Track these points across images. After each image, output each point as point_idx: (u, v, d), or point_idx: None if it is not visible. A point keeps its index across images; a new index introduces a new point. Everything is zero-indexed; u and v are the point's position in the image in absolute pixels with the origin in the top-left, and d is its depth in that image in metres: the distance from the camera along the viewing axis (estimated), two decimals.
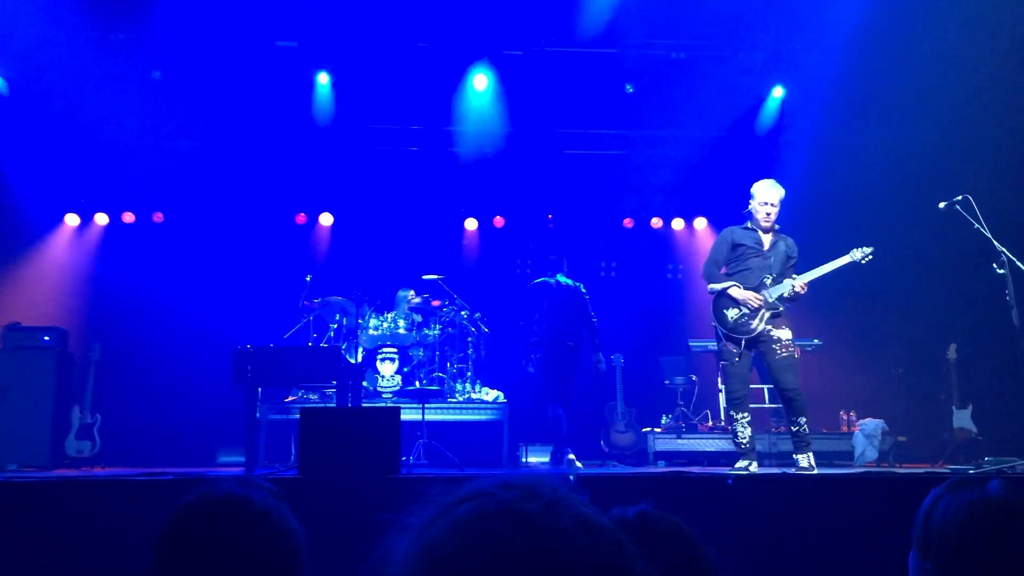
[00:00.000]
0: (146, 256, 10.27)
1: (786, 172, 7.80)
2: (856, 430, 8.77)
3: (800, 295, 6.26)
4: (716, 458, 8.52)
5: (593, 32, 9.20)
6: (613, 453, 9.14)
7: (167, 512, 1.62)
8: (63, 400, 8.82)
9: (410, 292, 9.46)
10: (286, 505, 1.66)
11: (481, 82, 9.87)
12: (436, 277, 9.42)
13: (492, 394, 9.03)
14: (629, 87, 9.98)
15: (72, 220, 10.45)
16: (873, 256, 6.30)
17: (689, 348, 9.58)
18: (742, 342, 6.24)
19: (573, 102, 10.11)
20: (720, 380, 8.75)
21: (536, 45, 9.62)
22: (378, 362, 8.97)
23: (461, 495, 0.83)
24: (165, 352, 9.85)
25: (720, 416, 9.15)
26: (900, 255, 9.13)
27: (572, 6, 9.01)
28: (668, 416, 9.38)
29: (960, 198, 6.26)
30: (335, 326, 9.16)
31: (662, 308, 10.71)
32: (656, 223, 11.23)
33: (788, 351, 6.20)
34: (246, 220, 10.57)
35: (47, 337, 8.93)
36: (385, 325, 9.09)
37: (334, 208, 10.86)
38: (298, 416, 5.39)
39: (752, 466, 6.13)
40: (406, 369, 9.07)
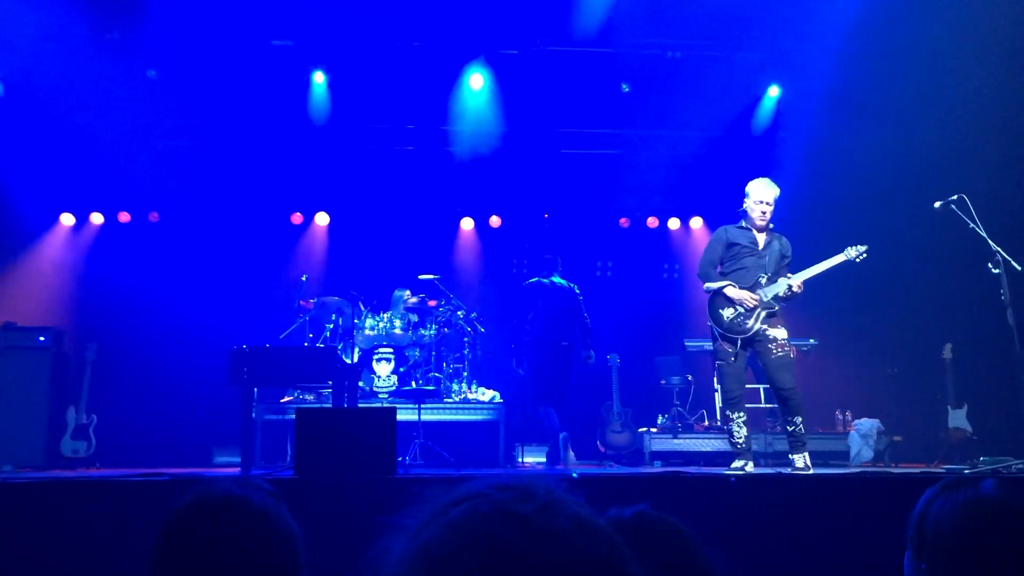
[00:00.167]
0: (142, 256, 10.24)
1: (782, 172, 7.80)
2: (852, 430, 8.78)
3: (796, 294, 6.26)
4: (712, 458, 8.52)
5: (589, 31, 9.20)
6: (609, 453, 9.14)
7: (165, 512, 1.61)
8: (58, 400, 8.80)
9: (406, 292, 9.46)
10: (285, 506, 1.66)
11: (477, 81, 9.86)
12: (432, 277, 9.42)
13: (488, 394, 9.02)
14: (625, 86, 9.98)
15: (67, 220, 10.42)
16: (867, 254, 6.31)
17: (685, 348, 9.58)
18: (738, 342, 6.25)
19: (569, 101, 10.10)
20: (716, 380, 8.75)
21: (532, 44, 9.61)
22: (374, 362, 8.96)
23: (456, 496, 0.83)
24: (161, 352, 9.82)
25: (716, 416, 9.15)
26: (896, 255, 9.14)
27: (568, 5, 9.01)
28: (664, 416, 9.38)
29: (955, 198, 6.27)
30: (331, 326, 9.16)
31: (658, 308, 10.71)
32: (652, 222, 11.24)
33: (784, 350, 6.21)
34: (242, 220, 10.56)
35: (42, 337, 8.91)
36: (381, 325, 9.08)
37: (330, 208, 10.85)
38: (294, 416, 5.39)
39: (748, 466, 6.13)
40: (402, 369, 9.06)
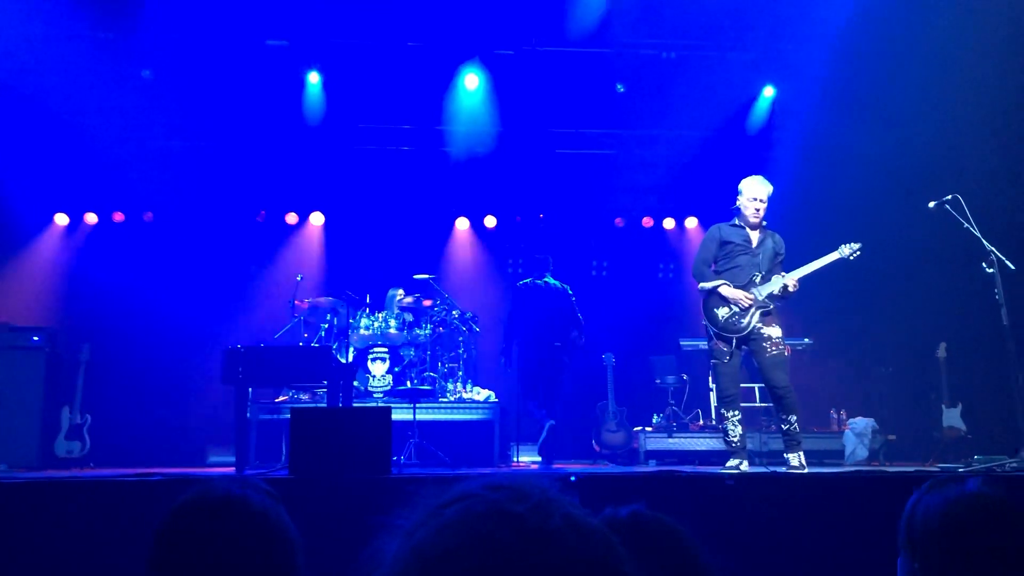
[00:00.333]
0: (136, 256, 10.22)
1: (777, 172, 7.80)
2: (846, 429, 8.81)
3: (790, 293, 6.26)
4: (707, 457, 8.53)
5: (584, 32, 9.20)
6: (604, 452, 9.14)
7: (163, 511, 1.60)
8: (52, 400, 8.77)
9: (399, 291, 9.45)
10: (283, 507, 1.65)
11: (472, 81, 9.85)
12: (427, 277, 9.41)
13: (483, 394, 9.02)
14: (620, 87, 9.98)
15: (62, 219, 10.39)
16: (861, 252, 6.30)
17: (680, 347, 9.59)
18: (733, 341, 6.25)
19: (564, 101, 10.10)
20: (711, 379, 8.76)
21: (527, 44, 9.61)
22: (369, 362, 8.95)
23: (450, 497, 0.83)
24: (155, 352, 9.81)
25: (711, 415, 9.16)
26: (890, 254, 9.16)
27: (563, 6, 9.01)
28: (659, 415, 9.38)
29: (950, 197, 6.28)
30: (326, 326, 9.16)
31: (653, 307, 10.71)
32: (647, 222, 11.25)
33: (778, 349, 6.21)
34: (236, 219, 10.55)
35: (36, 337, 8.87)
36: (376, 325, 9.07)
37: (325, 208, 10.84)
38: (289, 416, 5.38)
39: (743, 465, 6.13)
40: (397, 369, 9.05)
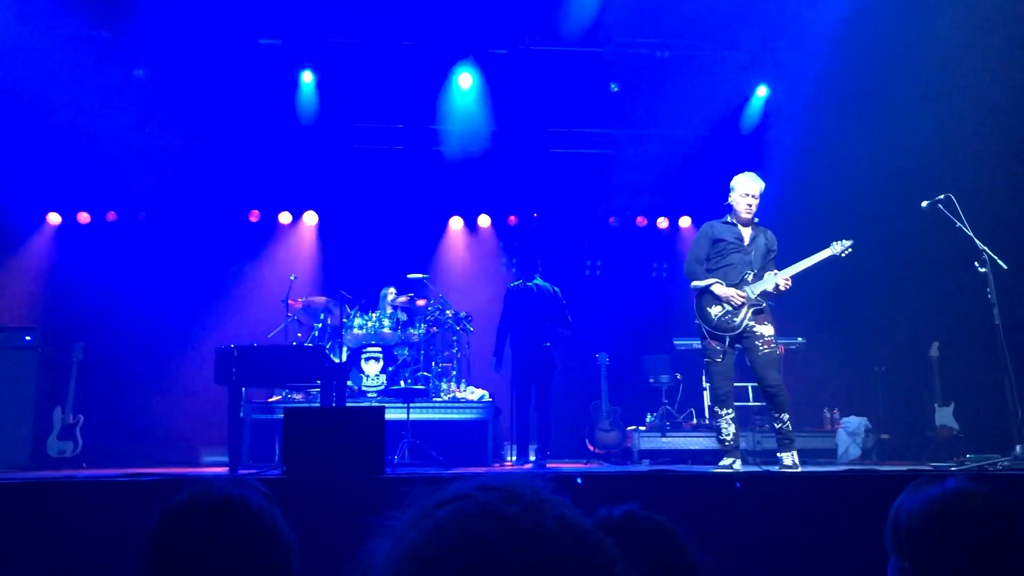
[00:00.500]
0: (129, 255, 10.19)
1: (770, 171, 7.81)
2: (839, 428, 8.83)
3: (783, 290, 6.25)
4: (700, 456, 8.54)
5: (578, 31, 9.21)
6: (598, 452, 9.15)
7: (157, 512, 1.59)
8: (45, 400, 8.75)
9: (391, 290, 9.45)
10: (278, 508, 1.65)
11: (466, 81, 9.85)
12: (421, 276, 9.41)
13: (477, 393, 9.02)
14: (614, 86, 9.99)
15: (54, 219, 10.36)
16: (852, 249, 6.29)
17: (674, 346, 9.60)
18: (726, 339, 6.24)
19: (558, 101, 10.11)
20: (704, 378, 8.77)
21: (521, 44, 9.61)
22: (363, 361, 8.94)
23: (442, 498, 0.83)
24: (148, 352, 9.79)
25: (705, 414, 9.18)
26: (883, 254, 9.18)
27: (557, 5, 9.01)
28: (653, 414, 9.39)
29: (942, 197, 6.29)
30: (319, 325, 9.15)
31: (647, 307, 10.72)
32: (641, 221, 11.26)
33: (771, 347, 6.20)
34: (229, 219, 10.53)
35: (28, 337, 8.85)
36: (370, 324, 9.06)
37: (319, 207, 10.83)
38: (282, 416, 5.37)
39: (736, 464, 6.13)
40: (391, 368, 9.05)
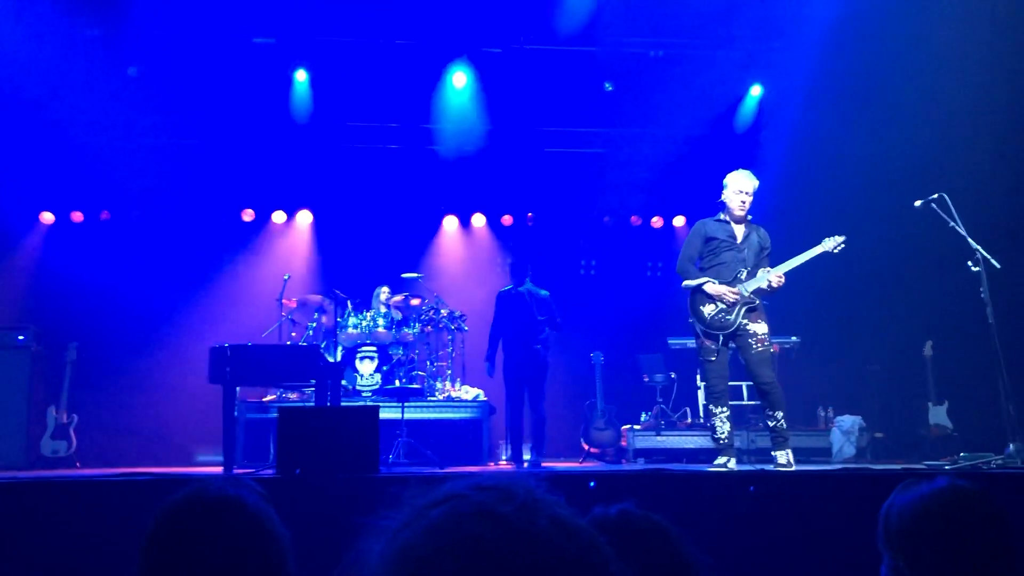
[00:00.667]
0: (123, 254, 10.16)
1: (764, 170, 7.81)
2: (833, 427, 8.84)
3: (776, 288, 6.24)
4: (695, 455, 8.54)
5: (572, 30, 9.21)
6: (593, 451, 9.15)
7: (152, 511, 1.59)
8: (38, 400, 8.73)
9: (384, 289, 9.44)
10: (273, 508, 1.65)
11: (460, 80, 9.84)
12: (415, 276, 9.40)
13: (472, 392, 9.02)
14: (608, 85, 9.99)
15: (47, 218, 10.33)
16: (845, 245, 6.29)
17: (668, 345, 9.60)
18: (720, 338, 6.23)
19: (552, 100, 10.10)
20: (699, 377, 8.78)
21: (515, 43, 9.61)
22: (357, 361, 8.94)
23: (435, 497, 0.83)
24: (142, 351, 9.77)
25: (699, 413, 9.18)
26: (877, 253, 9.19)
27: (551, 4, 9.02)
28: (647, 413, 9.40)
29: (936, 196, 6.29)
30: (314, 324, 9.14)
31: (641, 306, 10.71)
32: (635, 221, 11.27)
33: (764, 345, 6.20)
34: (223, 218, 10.51)
35: (21, 336, 8.82)
36: (364, 324, 9.05)
37: (313, 206, 10.81)
38: (276, 415, 5.36)
39: (731, 463, 6.12)
40: (385, 368, 9.05)
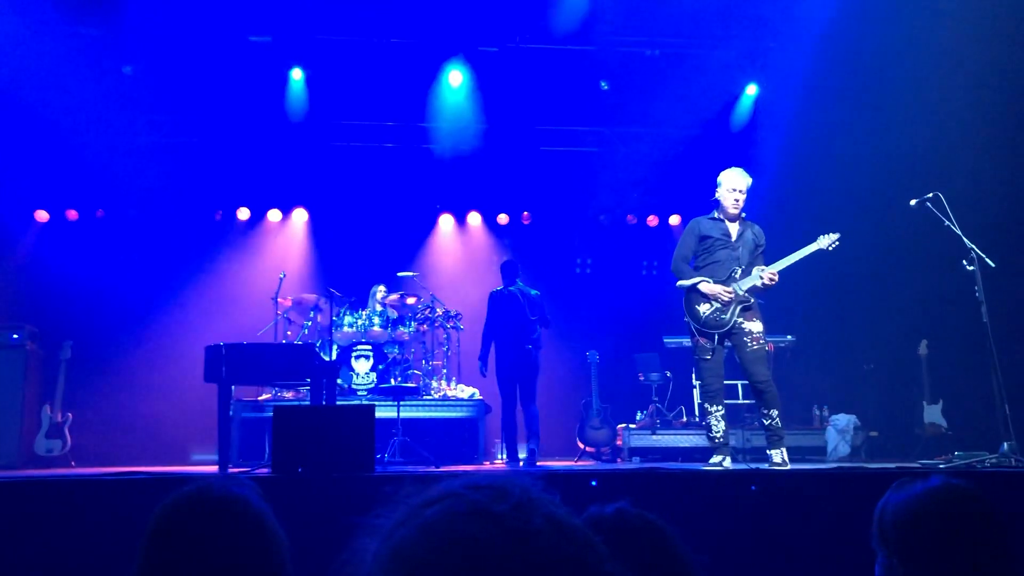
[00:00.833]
0: (118, 253, 10.14)
1: (760, 169, 7.82)
2: (828, 425, 8.85)
3: (770, 286, 6.24)
4: (690, 454, 8.55)
5: (568, 29, 9.21)
6: (588, 449, 9.15)
7: (159, 508, 1.58)
8: (33, 399, 8.72)
9: (380, 288, 9.44)
10: (270, 507, 1.65)
11: (456, 78, 9.83)
12: (411, 274, 9.40)
13: (467, 391, 9.02)
14: (604, 84, 9.99)
15: (42, 216, 10.30)
16: (840, 243, 6.29)
17: (664, 344, 9.60)
18: (715, 336, 6.23)
19: (548, 99, 10.11)
20: (694, 376, 8.79)
21: (511, 41, 9.60)
22: (353, 360, 8.93)
23: (430, 496, 0.82)
24: (137, 350, 9.76)
25: (695, 412, 9.19)
26: (872, 252, 9.21)
27: (547, 3, 9.01)
28: (643, 412, 9.40)
29: (931, 195, 6.30)
30: (309, 323, 9.13)
31: (637, 304, 10.72)
32: (631, 220, 11.28)
33: (759, 344, 6.20)
34: (219, 216, 10.49)
35: (16, 335, 8.81)
36: (360, 322, 9.05)
37: (308, 204, 10.81)
38: (272, 414, 5.36)
39: (726, 461, 6.12)
40: (381, 366, 9.04)
